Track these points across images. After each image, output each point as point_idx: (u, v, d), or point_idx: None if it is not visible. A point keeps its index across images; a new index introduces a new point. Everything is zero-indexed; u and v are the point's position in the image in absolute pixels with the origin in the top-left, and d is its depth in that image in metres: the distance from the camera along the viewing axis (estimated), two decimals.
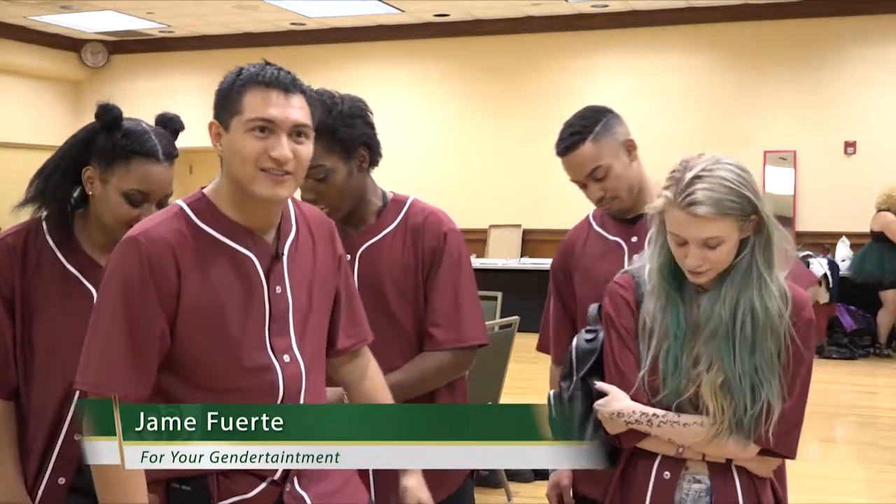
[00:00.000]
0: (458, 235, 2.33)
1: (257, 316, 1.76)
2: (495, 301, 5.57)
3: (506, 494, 4.92)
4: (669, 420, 1.91)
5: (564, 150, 2.39)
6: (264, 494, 1.78)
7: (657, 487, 1.97)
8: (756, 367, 1.87)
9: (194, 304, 1.72)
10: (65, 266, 2.09)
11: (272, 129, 1.72)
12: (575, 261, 2.47)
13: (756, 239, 1.90)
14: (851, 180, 9.91)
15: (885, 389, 7.74)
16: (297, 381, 1.80)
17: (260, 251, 1.78)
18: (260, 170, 1.72)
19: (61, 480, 2.05)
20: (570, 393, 2.03)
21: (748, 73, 10.08)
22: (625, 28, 10.65)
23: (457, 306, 2.26)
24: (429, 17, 10.98)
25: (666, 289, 1.94)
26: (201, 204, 1.81)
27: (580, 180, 2.39)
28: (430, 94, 11.46)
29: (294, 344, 1.80)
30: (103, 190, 2.06)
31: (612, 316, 2.01)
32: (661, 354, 1.92)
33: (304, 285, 1.83)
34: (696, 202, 1.83)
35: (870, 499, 4.99)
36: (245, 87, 1.76)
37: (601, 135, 2.35)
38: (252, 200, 1.76)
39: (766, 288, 1.88)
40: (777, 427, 1.88)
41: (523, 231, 10.99)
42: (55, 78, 12.04)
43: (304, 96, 1.79)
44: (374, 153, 2.30)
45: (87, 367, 1.72)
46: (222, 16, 10.97)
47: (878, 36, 9.96)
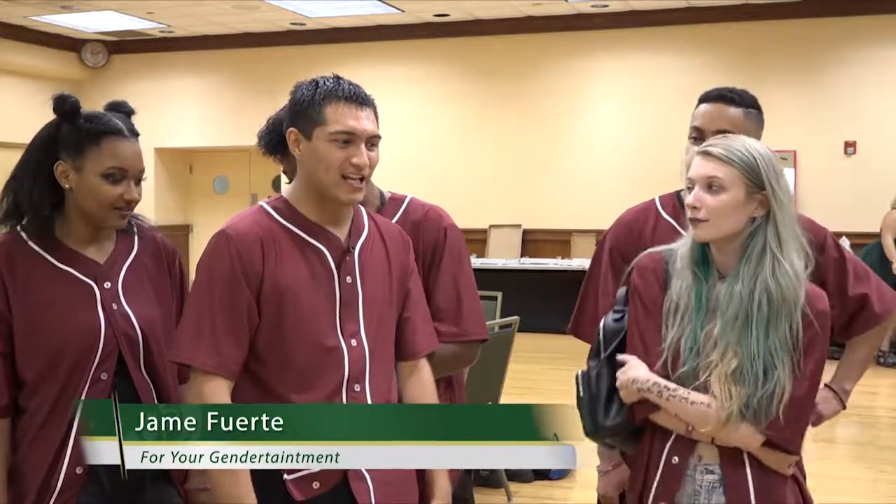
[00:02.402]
0: (458, 231, 2.34)
1: (329, 301, 1.98)
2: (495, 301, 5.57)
3: (506, 494, 4.92)
4: (679, 395, 1.95)
5: (717, 97, 2.36)
6: (330, 470, 1.90)
7: (666, 474, 1.99)
8: (770, 349, 1.91)
9: (274, 285, 1.94)
10: (56, 266, 2.11)
11: (352, 140, 1.95)
12: (641, 246, 2.35)
13: (767, 219, 1.97)
14: (851, 180, 9.92)
15: (885, 389, 7.74)
16: (362, 364, 1.98)
17: (332, 245, 2.01)
18: (342, 176, 1.95)
19: (79, 470, 2.07)
20: (597, 371, 2.08)
21: (748, 73, 10.07)
22: (625, 28, 10.65)
23: (458, 301, 2.27)
24: (429, 17, 10.98)
25: (693, 269, 2.01)
26: (280, 203, 2.03)
27: (707, 132, 2.30)
28: (429, 94, 11.46)
29: (362, 330, 1.99)
30: (80, 179, 2.09)
31: (639, 289, 2.06)
32: (683, 336, 1.97)
33: (377, 280, 2.04)
34: (711, 145, 2.01)
35: (870, 499, 4.99)
36: (326, 99, 1.96)
37: (753, 116, 2.35)
38: (330, 202, 1.99)
39: (780, 266, 1.94)
40: (785, 414, 1.90)
41: (523, 231, 10.98)
42: (55, 78, 12.02)
43: (373, 110, 2.01)
44: None
45: (179, 342, 1.96)
46: (222, 16, 10.97)
47: (877, 36, 9.96)
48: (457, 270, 2.29)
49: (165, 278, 2.26)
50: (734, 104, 2.33)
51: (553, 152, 11.01)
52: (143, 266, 2.22)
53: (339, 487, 1.95)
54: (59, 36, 11.92)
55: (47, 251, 2.12)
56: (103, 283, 2.14)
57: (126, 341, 2.12)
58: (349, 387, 1.95)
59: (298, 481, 1.93)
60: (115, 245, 2.20)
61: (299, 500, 1.93)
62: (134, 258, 2.20)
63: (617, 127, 10.73)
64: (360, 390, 1.96)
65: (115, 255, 2.18)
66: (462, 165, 11.22)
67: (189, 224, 12.81)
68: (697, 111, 2.37)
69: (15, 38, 11.40)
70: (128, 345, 2.12)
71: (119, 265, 2.18)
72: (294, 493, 1.93)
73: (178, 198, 12.75)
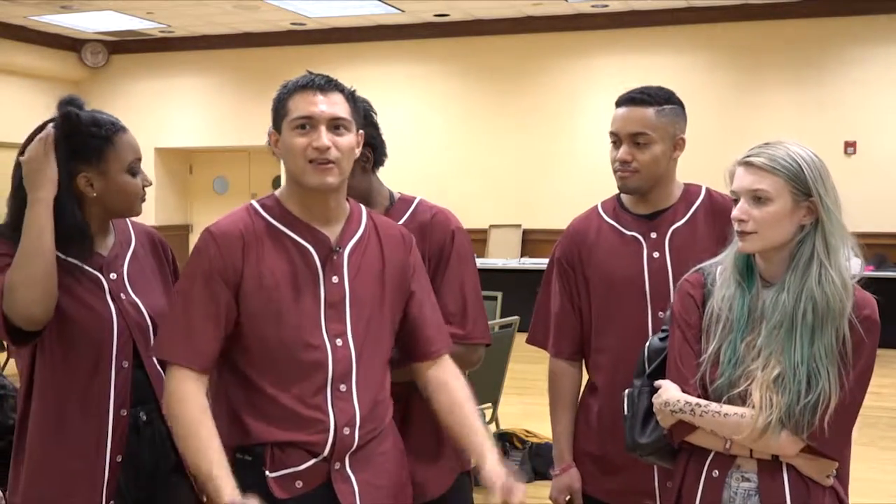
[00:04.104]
0: (465, 235, 2.35)
1: (313, 300, 1.96)
2: (495, 301, 5.58)
3: None
4: (712, 410, 1.93)
5: (627, 100, 2.37)
6: (314, 470, 1.92)
7: (707, 486, 1.98)
8: (815, 356, 1.88)
9: (255, 282, 1.93)
10: (64, 258, 2.12)
11: (312, 125, 1.94)
12: (586, 253, 2.44)
13: (815, 227, 1.92)
14: (851, 180, 9.89)
15: (885, 389, 7.74)
16: (347, 364, 1.96)
17: (318, 243, 1.99)
18: (308, 162, 1.93)
19: (119, 458, 2.13)
20: (639, 390, 2.09)
21: (748, 73, 10.08)
22: (625, 28, 10.65)
23: (464, 304, 2.28)
24: (429, 17, 10.98)
25: (737, 279, 1.98)
26: (270, 201, 2.04)
27: (620, 136, 2.36)
28: (430, 94, 11.46)
29: (349, 330, 1.97)
30: (105, 182, 2.13)
31: (678, 314, 2.04)
32: (724, 345, 1.95)
33: (367, 281, 2.01)
34: (753, 155, 1.95)
35: (870, 499, 4.99)
36: (290, 93, 1.97)
37: (667, 113, 2.34)
38: (309, 193, 1.97)
39: (827, 275, 1.90)
40: (831, 421, 1.87)
41: (523, 231, 10.99)
42: (55, 78, 12.03)
43: (342, 94, 1.99)
44: (378, 153, 2.31)
45: (158, 338, 2.00)
46: (222, 16, 10.97)
47: (878, 36, 9.96)
48: (463, 273, 2.29)
49: (164, 268, 2.32)
50: (644, 104, 2.33)
51: (553, 152, 11.00)
52: (143, 257, 2.27)
53: (322, 488, 1.94)
54: (59, 36, 11.92)
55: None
56: (109, 274, 2.17)
57: (139, 331, 2.16)
58: (334, 386, 1.94)
59: (281, 479, 1.92)
60: (115, 237, 2.23)
61: (281, 498, 1.92)
62: (134, 250, 2.25)
63: None
64: (346, 390, 1.95)
65: (116, 247, 2.22)
66: (462, 165, 11.22)
67: (189, 224, 12.82)
68: (613, 115, 2.38)
69: (15, 38, 11.40)
70: (140, 334, 2.16)
71: (122, 257, 2.22)
72: (276, 491, 1.91)
73: (177, 198, 12.75)
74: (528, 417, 5.93)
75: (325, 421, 1.92)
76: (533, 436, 5.41)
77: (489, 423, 4.93)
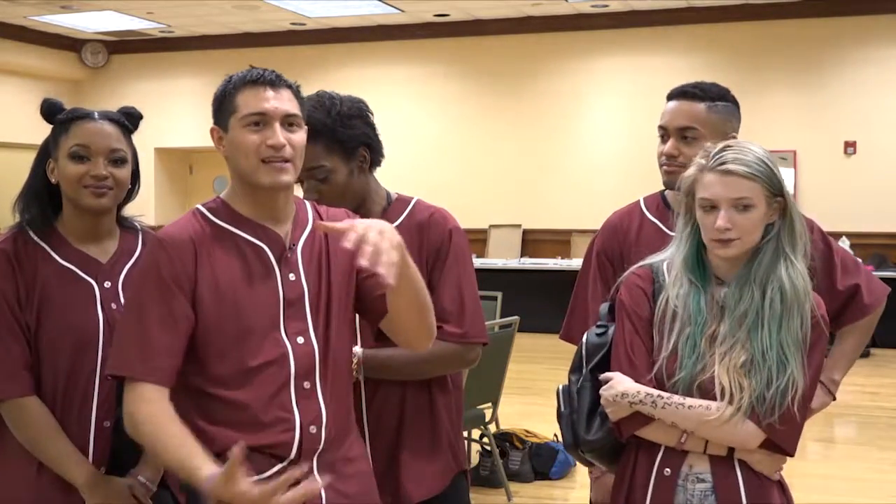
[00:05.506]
0: (463, 234, 2.34)
1: (271, 299, 1.90)
2: (495, 301, 5.58)
3: (506, 494, 4.93)
4: (675, 402, 1.92)
5: (679, 94, 2.34)
6: (280, 475, 1.82)
7: (658, 486, 1.97)
8: (782, 343, 1.90)
9: (209, 286, 1.88)
10: (60, 263, 2.13)
11: (266, 122, 1.89)
12: (627, 248, 2.40)
13: (781, 223, 1.96)
14: (851, 180, 9.92)
15: (885, 389, 7.74)
16: (310, 361, 1.91)
17: (272, 242, 1.94)
18: (262, 161, 1.88)
19: (106, 423, 2.12)
20: (579, 385, 2.07)
21: (748, 73, 10.08)
22: (625, 28, 10.66)
23: (461, 303, 2.26)
24: (429, 18, 10.98)
25: (689, 277, 1.99)
26: (216, 204, 1.98)
27: (668, 129, 2.33)
28: (429, 94, 11.47)
29: (310, 327, 1.92)
30: (58, 168, 2.15)
31: (627, 305, 2.03)
32: (682, 339, 1.95)
33: (323, 276, 1.96)
34: (727, 161, 1.93)
35: (870, 499, 4.99)
36: (237, 89, 1.92)
37: (719, 110, 2.33)
38: (259, 192, 1.92)
39: (793, 267, 1.94)
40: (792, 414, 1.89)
41: (523, 231, 10.99)
42: (55, 78, 12.04)
43: (290, 90, 1.95)
44: (375, 153, 2.30)
45: (112, 354, 1.89)
46: (222, 16, 10.97)
47: (878, 36, 9.96)
48: (461, 273, 2.28)
49: None
50: (696, 99, 2.31)
51: (553, 152, 11.01)
52: None
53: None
54: (59, 36, 11.93)
55: (50, 247, 2.15)
56: (104, 282, 2.16)
57: None
58: (298, 384, 1.89)
59: None
60: (119, 246, 2.22)
61: None
62: (136, 260, 2.21)
63: (617, 127, 10.74)
64: (311, 387, 1.90)
65: (117, 255, 2.20)
66: (462, 165, 11.23)
67: None
68: (663, 109, 2.34)
69: (15, 38, 11.41)
70: None
71: (120, 266, 2.19)
72: None
73: (178, 198, 12.74)
74: (528, 417, 5.93)
75: (290, 419, 1.87)
76: (533, 436, 5.41)
77: (489, 423, 4.93)
